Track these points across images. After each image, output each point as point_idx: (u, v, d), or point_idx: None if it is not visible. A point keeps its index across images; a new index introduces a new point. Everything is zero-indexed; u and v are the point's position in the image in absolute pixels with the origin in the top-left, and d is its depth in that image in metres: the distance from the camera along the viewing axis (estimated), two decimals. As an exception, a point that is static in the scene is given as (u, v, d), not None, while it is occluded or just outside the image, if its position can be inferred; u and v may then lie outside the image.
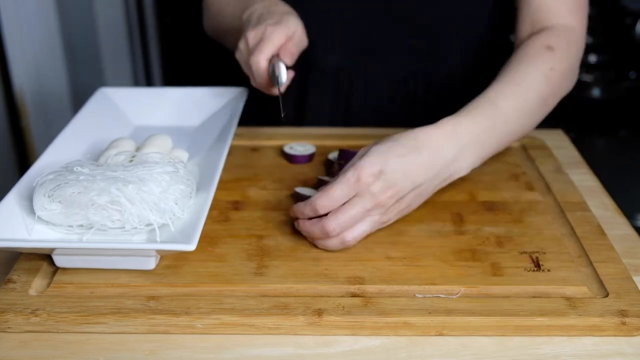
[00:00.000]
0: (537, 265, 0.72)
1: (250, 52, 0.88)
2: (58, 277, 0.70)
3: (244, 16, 0.93)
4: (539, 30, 0.92)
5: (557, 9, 0.92)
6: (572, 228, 0.79)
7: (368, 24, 1.06)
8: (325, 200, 0.72)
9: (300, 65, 1.10)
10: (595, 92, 2.12)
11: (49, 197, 0.72)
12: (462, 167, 0.78)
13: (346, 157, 0.87)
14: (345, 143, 1.00)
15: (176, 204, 0.72)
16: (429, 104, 1.10)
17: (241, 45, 0.90)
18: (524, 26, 0.95)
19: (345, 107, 1.11)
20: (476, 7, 1.05)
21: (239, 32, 0.94)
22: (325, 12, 1.06)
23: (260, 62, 0.87)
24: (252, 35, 0.88)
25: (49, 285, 0.69)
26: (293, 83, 0.98)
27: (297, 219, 0.76)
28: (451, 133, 0.76)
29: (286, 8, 0.93)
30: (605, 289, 0.68)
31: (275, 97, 0.90)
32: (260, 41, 0.87)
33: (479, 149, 0.79)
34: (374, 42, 1.07)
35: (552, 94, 0.87)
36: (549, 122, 0.95)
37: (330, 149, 0.98)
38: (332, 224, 0.71)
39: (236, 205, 0.84)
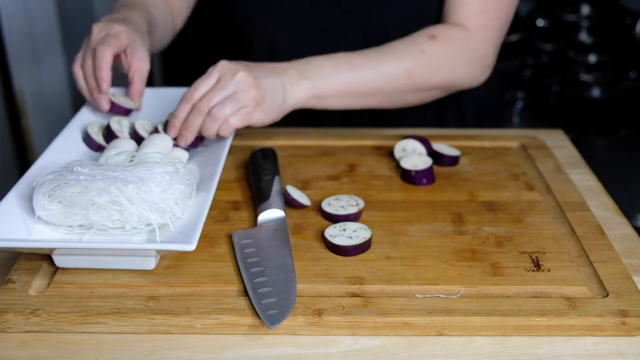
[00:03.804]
0: (537, 265, 0.72)
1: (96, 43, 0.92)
2: (58, 277, 0.70)
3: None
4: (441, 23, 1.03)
5: (460, 10, 1.01)
6: (572, 228, 0.79)
7: (319, 20, 1.07)
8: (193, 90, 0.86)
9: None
10: (595, 92, 2.12)
11: (49, 197, 0.72)
12: (300, 89, 0.92)
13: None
14: (346, 143, 1.00)
15: (176, 204, 0.72)
16: None
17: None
18: (441, 19, 1.04)
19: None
20: (426, 3, 1.05)
21: None
22: (282, 9, 1.08)
23: (105, 53, 0.90)
24: (97, 29, 0.93)
25: (49, 285, 0.69)
26: None
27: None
28: (300, 63, 0.93)
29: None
30: (605, 289, 0.68)
31: None
32: (106, 36, 0.92)
33: (318, 79, 0.93)
34: (325, 39, 1.07)
35: (419, 71, 0.97)
36: (549, 122, 0.96)
37: (329, 149, 0.98)
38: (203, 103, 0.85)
39: (236, 205, 0.84)
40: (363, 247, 0.74)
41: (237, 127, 0.87)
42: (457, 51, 1.00)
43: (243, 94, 0.86)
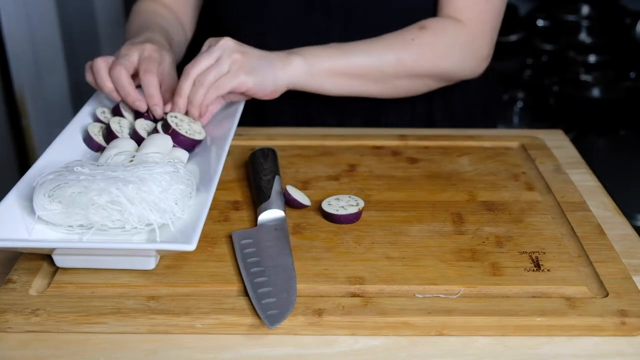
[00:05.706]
0: (537, 265, 0.72)
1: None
2: (58, 277, 0.70)
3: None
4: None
5: (452, 4, 1.03)
6: (572, 228, 0.79)
7: (311, 21, 1.07)
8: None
9: None
10: (595, 92, 2.12)
11: (49, 197, 0.72)
12: (292, 63, 0.95)
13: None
14: (346, 143, 1.00)
15: (176, 204, 0.72)
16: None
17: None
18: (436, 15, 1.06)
19: (303, 100, 1.09)
20: (419, 3, 1.05)
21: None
22: (267, 8, 1.08)
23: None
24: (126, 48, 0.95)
25: (49, 285, 0.69)
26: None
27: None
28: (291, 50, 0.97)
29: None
30: (605, 289, 0.68)
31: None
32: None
33: (309, 56, 0.96)
34: (317, 41, 1.03)
35: (408, 58, 1.00)
36: (549, 122, 0.96)
37: (329, 149, 0.98)
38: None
39: (236, 205, 0.84)
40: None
41: (222, 93, 0.90)
42: (447, 41, 1.02)
43: (225, 59, 0.90)
